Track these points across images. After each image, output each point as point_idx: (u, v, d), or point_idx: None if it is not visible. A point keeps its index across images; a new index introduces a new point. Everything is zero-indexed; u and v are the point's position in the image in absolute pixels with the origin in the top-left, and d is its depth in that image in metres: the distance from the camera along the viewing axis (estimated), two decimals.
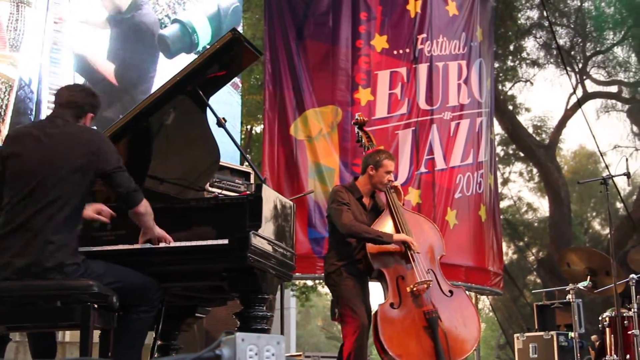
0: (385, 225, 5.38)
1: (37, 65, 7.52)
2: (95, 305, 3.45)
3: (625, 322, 5.58)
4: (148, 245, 3.86)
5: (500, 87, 17.38)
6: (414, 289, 5.15)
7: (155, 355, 4.57)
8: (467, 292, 5.80)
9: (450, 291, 5.36)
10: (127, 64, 8.32)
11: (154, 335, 4.47)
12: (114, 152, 3.68)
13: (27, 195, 3.54)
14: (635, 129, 19.05)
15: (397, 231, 5.33)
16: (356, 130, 5.97)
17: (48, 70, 7.61)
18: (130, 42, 8.43)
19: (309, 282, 17.31)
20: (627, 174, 5.92)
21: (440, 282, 5.36)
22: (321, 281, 13.78)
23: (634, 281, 5.46)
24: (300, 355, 8.55)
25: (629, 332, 5.47)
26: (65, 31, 7.80)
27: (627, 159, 6.11)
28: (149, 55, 8.57)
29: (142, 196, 3.69)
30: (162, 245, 3.85)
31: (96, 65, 8.08)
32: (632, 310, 5.45)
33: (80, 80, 7.90)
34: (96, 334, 3.60)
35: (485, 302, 21.14)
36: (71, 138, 3.65)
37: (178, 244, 3.87)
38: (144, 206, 3.69)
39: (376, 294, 5.60)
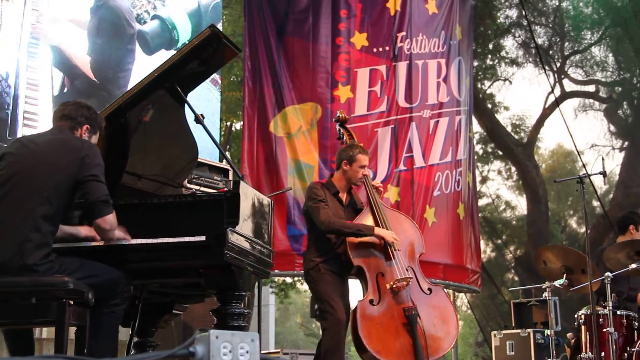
0: (366, 222, 5.40)
1: (15, 60, 7.46)
2: (71, 302, 3.44)
3: (600, 320, 5.62)
4: (124, 242, 3.85)
5: (479, 85, 17.46)
6: (394, 286, 5.17)
7: (132, 352, 4.55)
8: (445, 289, 5.83)
9: (430, 289, 5.39)
10: (102, 57, 8.26)
11: (130, 332, 4.45)
12: (98, 164, 3.69)
13: (8, 192, 3.58)
14: (612, 128, 19.21)
15: (378, 227, 5.35)
16: (337, 127, 5.98)
17: (25, 64, 7.55)
18: (104, 32, 8.34)
19: (288, 279, 17.33)
20: (603, 173, 5.95)
21: (419, 279, 5.38)
22: (300, 278, 13.81)
23: (609, 279, 5.50)
24: (278, 352, 8.54)
25: (604, 330, 5.50)
26: (43, 25, 7.74)
27: (603, 158, 6.15)
28: (125, 44, 8.48)
29: (109, 210, 3.66)
30: (138, 241, 3.84)
31: (74, 60, 8.02)
32: (607, 308, 5.49)
33: (58, 74, 7.85)
34: (72, 330, 3.59)
35: (463, 299, 21.28)
36: (61, 142, 3.71)
37: (155, 240, 3.85)
38: (108, 222, 3.65)
39: (355, 290, 5.62)
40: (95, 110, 4.00)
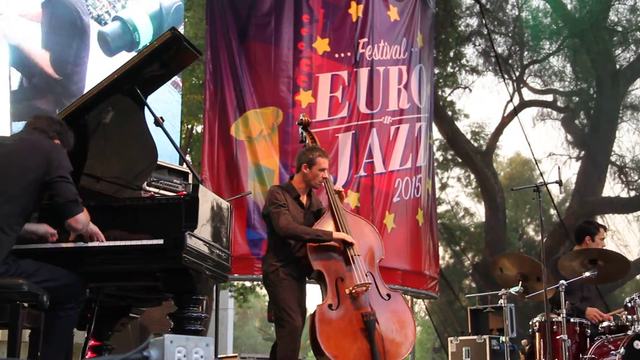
0: (327, 226, 5.40)
1: None
2: (25, 305, 3.40)
3: (554, 327, 5.70)
4: (81, 244, 3.81)
5: (439, 92, 17.58)
6: (353, 291, 5.18)
7: (87, 356, 4.51)
8: (403, 296, 5.86)
9: (388, 294, 5.41)
10: (58, 52, 8.14)
11: (86, 335, 4.41)
12: (65, 165, 3.69)
13: None
14: (569, 137, 19.49)
15: (338, 231, 5.36)
16: (300, 130, 5.99)
17: None
18: (57, 27, 8.21)
19: (247, 283, 17.24)
20: (559, 182, 6.02)
21: (378, 285, 5.40)
22: (259, 282, 13.74)
23: (563, 287, 5.57)
24: (236, 356, 8.50)
25: (557, 337, 5.58)
26: (1, 24, 7.63)
27: (559, 167, 6.24)
28: (78, 38, 8.37)
29: (79, 209, 3.66)
30: (95, 244, 3.81)
31: (32, 57, 7.91)
32: (561, 315, 5.56)
33: (16, 74, 7.75)
34: (26, 333, 3.54)
35: (421, 305, 21.39)
36: (29, 143, 3.70)
37: (113, 243, 3.83)
38: (80, 222, 3.67)
39: (314, 294, 5.62)
40: (67, 127, 3.99)
